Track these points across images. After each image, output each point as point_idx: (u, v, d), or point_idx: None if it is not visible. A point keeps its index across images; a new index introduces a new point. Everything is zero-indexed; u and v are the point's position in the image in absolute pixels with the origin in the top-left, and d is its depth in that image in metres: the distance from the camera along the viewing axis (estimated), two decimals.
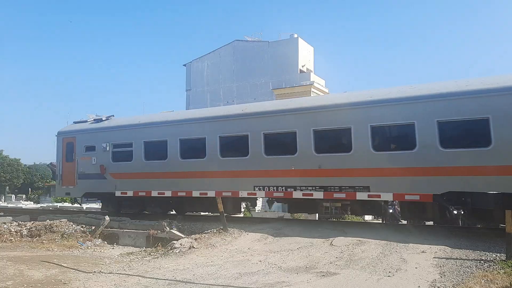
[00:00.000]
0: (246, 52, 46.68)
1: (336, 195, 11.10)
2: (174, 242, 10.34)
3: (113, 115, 16.71)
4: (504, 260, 7.24)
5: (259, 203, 23.85)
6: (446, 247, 8.54)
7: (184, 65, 51.16)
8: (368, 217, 22.76)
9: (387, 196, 10.38)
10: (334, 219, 18.50)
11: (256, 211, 22.88)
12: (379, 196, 10.39)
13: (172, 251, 9.63)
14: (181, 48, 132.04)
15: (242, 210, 21.00)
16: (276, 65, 44.45)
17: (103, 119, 16.27)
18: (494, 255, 7.77)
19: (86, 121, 16.83)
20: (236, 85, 46.74)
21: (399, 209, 20.41)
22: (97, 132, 15.67)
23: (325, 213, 15.26)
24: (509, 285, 5.54)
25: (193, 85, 49.92)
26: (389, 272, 6.74)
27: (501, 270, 6.53)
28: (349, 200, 11.41)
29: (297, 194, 11.52)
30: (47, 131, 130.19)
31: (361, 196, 10.54)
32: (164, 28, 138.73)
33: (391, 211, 20.14)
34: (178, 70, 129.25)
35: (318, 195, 11.28)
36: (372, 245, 8.86)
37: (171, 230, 11.80)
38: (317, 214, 19.69)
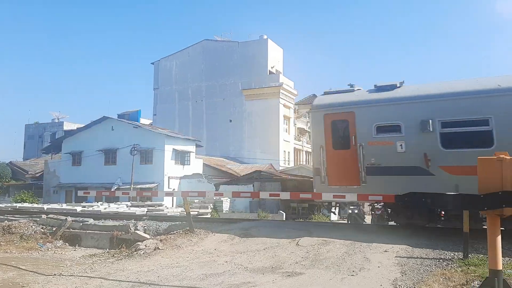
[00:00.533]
0: (215, 52, 46.55)
1: None
2: (139, 243, 10.15)
3: (403, 81, 11.34)
4: (461, 259, 7.52)
5: (226, 204, 23.81)
6: (408, 247, 8.79)
7: (152, 63, 50.45)
8: (333, 217, 23.13)
9: None
10: (301, 219, 18.77)
11: (224, 211, 22.83)
12: None
13: (137, 253, 9.45)
14: (149, 46, 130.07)
15: (210, 210, 20.93)
16: (246, 66, 44.56)
17: (397, 85, 10.95)
18: (452, 254, 8.06)
19: (352, 90, 11.63)
20: (205, 85, 46.54)
21: (364, 209, 20.85)
22: (401, 103, 10.41)
23: None
24: (465, 283, 5.76)
25: (161, 83, 49.32)
26: (353, 271, 6.87)
27: (459, 268, 6.77)
28: None
29: None
30: (6, 129, 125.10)
31: None
32: (132, 26, 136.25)
33: (356, 211, 20.50)
34: (146, 69, 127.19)
35: None
36: (337, 245, 9.00)
37: (135, 231, 11.60)
38: (284, 214, 19.87)
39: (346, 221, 19.75)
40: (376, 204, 19.80)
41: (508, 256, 7.91)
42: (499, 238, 5.01)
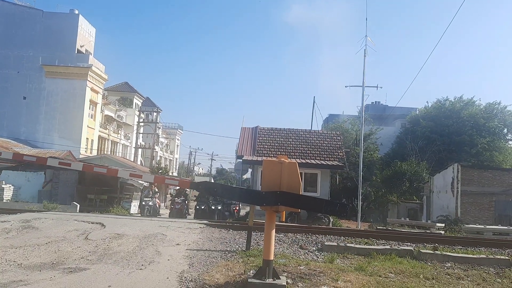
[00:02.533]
0: (12, 17, 40.21)
1: None
2: None
3: None
4: (244, 251, 8.24)
5: (8, 192, 20.77)
6: (199, 239, 9.20)
7: None
8: (133, 211, 22.63)
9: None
10: (98, 212, 17.66)
11: (4, 200, 19.84)
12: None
13: None
14: None
15: None
16: (50, 39, 39.79)
17: None
18: (237, 246, 8.78)
19: None
20: None
21: (159, 201, 20.85)
22: None
23: None
24: (243, 272, 6.30)
25: None
26: (142, 265, 6.77)
27: (240, 259, 7.39)
28: None
29: None
30: None
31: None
32: None
33: (150, 203, 20.17)
34: None
35: None
36: (130, 238, 8.78)
37: None
38: (78, 206, 18.44)
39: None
40: (176, 198, 20.15)
41: (279, 244, 9.06)
42: (274, 232, 5.66)
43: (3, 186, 20.26)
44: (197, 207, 19.85)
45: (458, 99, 46.71)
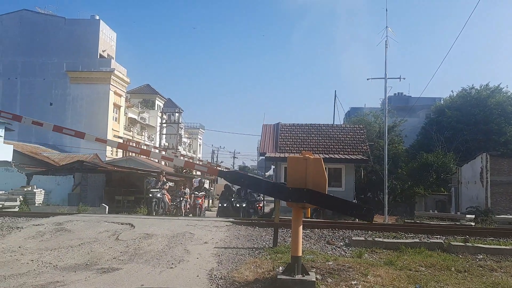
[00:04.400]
0: (36, 25, 41.28)
1: None
2: None
3: None
4: (271, 247, 8.28)
5: (40, 196, 21.39)
6: (226, 237, 9.29)
7: None
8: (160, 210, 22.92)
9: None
10: (126, 213, 18.02)
11: (36, 204, 20.45)
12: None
13: None
14: None
15: (18, 203, 18.57)
16: (73, 46, 40.67)
17: None
18: (264, 243, 8.83)
19: None
20: (22, 61, 40.91)
21: (168, 195, 19.39)
22: None
23: None
24: (272, 269, 6.35)
25: None
26: (172, 263, 6.90)
27: (268, 256, 7.44)
28: None
29: None
30: None
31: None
32: None
33: (159, 195, 17.73)
34: None
35: None
36: (159, 238, 8.94)
37: None
38: (107, 208, 18.83)
39: (161, 212, 17.94)
40: (197, 192, 19.88)
41: (307, 240, 9.07)
42: (301, 228, 5.67)
43: (35, 190, 20.88)
44: (220, 204, 19.68)
45: (484, 87, 45.46)
